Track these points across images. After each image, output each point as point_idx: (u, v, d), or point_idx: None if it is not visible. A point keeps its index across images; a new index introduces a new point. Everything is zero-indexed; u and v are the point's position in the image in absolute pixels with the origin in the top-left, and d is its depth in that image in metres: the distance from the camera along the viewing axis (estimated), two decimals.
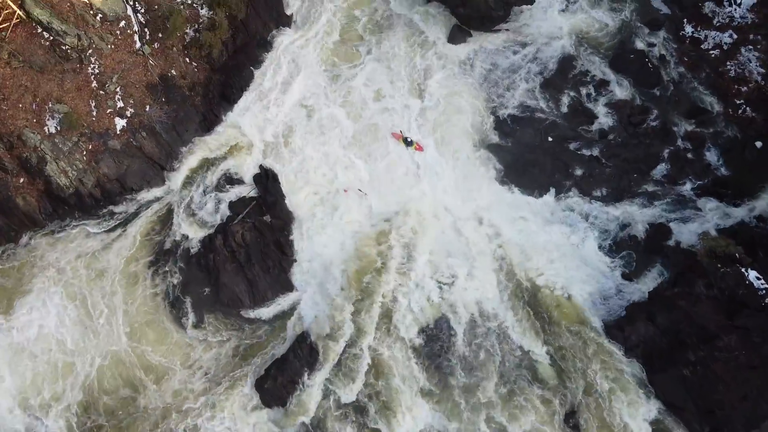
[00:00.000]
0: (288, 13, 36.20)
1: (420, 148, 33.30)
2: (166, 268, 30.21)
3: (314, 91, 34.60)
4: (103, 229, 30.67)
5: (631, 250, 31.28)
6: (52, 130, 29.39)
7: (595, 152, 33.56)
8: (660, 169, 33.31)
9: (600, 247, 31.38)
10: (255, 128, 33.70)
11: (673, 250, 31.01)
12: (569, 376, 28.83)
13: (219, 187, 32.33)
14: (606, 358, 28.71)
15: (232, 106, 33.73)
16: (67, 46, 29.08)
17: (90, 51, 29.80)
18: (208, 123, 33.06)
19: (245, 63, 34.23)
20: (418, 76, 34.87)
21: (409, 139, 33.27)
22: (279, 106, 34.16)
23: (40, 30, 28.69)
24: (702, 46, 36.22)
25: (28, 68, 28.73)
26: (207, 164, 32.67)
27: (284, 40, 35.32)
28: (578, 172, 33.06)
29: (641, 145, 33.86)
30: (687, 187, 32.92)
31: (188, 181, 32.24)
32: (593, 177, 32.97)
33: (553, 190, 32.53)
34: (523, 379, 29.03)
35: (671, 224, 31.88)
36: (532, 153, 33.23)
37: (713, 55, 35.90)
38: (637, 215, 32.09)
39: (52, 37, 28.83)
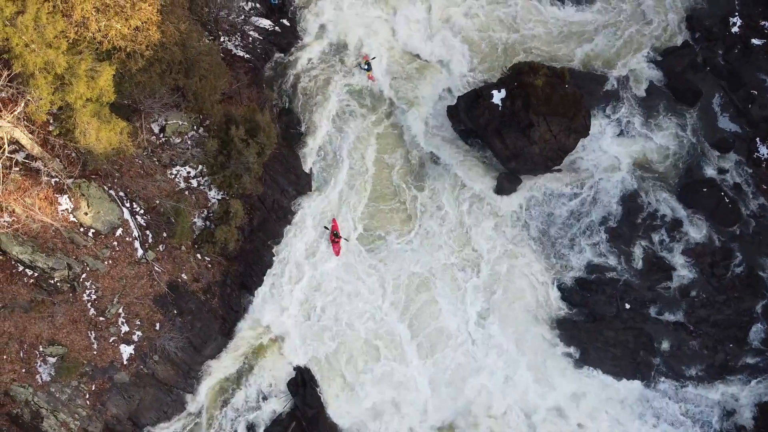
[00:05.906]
0: (306, 170, 31.18)
1: (371, 78, 31.70)
2: None
3: (345, 270, 29.71)
4: None
5: None
6: (47, 378, 24.19)
7: (680, 317, 29.01)
8: (756, 332, 28.89)
9: None
10: (283, 318, 28.66)
11: None
12: None
13: (249, 406, 27.29)
14: None
15: (253, 295, 28.77)
16: (56, 279, 23.91)
17: (84, 276, 24.65)
18: (230, 325, 28.00)
19: (265, 243, 29.23)
20: (465, 245, 30.02)
21: (369, 65, 31.55)
22: (307, 287, 29.24)
23: (21, 268, 23.49)
24: None
25: (10, 312, 23.51)
26: (233, 376, 27.61)
27: (307, 207, 30.33)
28: (665, 346, 28.48)
29: (730, 302, 29.37)
30: None
31: (213, 404, 27.16)
32: (683, 351, 28.40)
33: (640, 375, 27.91)
34: None
35: None
36: (609, 327, 28.52)
37: None
38: (741, 397, 27.63)
39: (37, 274, 23.66)
